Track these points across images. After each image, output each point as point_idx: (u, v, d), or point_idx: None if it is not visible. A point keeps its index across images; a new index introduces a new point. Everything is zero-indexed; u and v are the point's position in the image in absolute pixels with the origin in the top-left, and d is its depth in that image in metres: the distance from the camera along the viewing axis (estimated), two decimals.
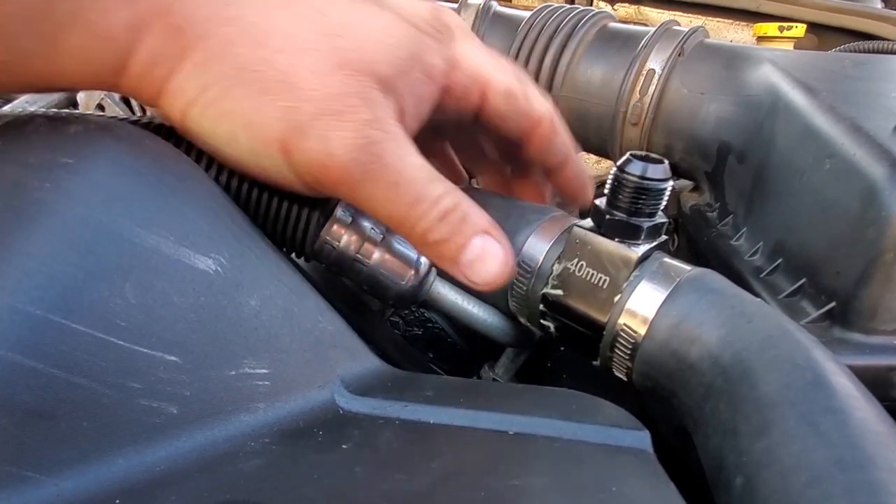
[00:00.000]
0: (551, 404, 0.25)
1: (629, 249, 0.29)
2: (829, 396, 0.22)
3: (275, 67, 0.25)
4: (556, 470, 0.21)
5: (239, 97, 0.25)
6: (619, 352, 0.29)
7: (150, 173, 0.23)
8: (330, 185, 0.26)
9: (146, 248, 0.21)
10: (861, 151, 0.34)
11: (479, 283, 0.28)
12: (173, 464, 0.20)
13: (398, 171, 0.26)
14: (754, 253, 0.43)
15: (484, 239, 0.28)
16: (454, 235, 0.27)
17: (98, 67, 0.24)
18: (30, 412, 0.18)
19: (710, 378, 0.26)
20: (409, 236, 0.28)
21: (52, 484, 0.18)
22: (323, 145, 0.25)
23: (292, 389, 0.23)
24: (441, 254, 0.28)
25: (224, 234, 0.24)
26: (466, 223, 0.28)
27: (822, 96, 0.41)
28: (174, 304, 0.21)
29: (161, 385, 0.21)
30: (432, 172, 0.27)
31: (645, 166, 0.29)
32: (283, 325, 0.24)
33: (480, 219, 0.28)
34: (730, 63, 0.53)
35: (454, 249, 0.28)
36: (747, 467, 0.21)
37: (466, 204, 0.28)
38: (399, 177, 0.26)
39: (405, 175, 0.26)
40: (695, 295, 0.28)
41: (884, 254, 0.31)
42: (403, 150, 0.27)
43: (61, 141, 0.23)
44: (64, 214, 0.21)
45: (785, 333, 0.25)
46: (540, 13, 0.65)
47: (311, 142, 0.25)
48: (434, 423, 0.23)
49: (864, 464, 0.19)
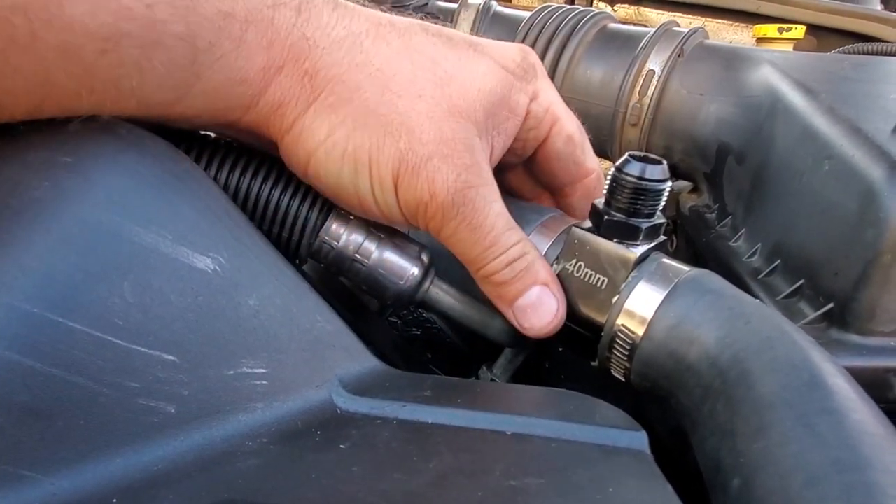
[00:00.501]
0: (549, 405, 0.25)
1: (627, 250, 0.29)
2: (826, 398, 0.22)
3: (397, 111, 0.27)
4: (553, 470, 0.21)
5: (363, 138, 0.27)
6: (618, 352, 0.29)
7: (150, 172, 0.23)
8: (423, 219, 0.29)
9: (145, 248, 0.21)
10: (860, 153, 0.34)
11: (528, 328, 0.31)
12: (171, 463, 0.20)
13: (484, 215, 0.29)
14: (753, 254, 0.43)
15: (542, 290, 0.30)
16: (516, 281, 0.30)
17: (226, 107, 0.26)
18: (27, 411, 0.18)
19: (709, 379, 0.26)
20: (475, 274, 0.31)
21: (48, 483, 0.18)
22: (428, 185, 0.28)
23: (290, 389, 0.23)
24: (500, 294, 0.31)
25: (223, 234, 0.24)
26: (529, 273, 0.30)
27: (821, 98, 0.41)
28: (172, 303, 0.21)
29: (159, 384, 0.20)
30: (510, 222, 0.30)
31: (643, 167, 0.29)
32: (281, 324, 0.24)
33: (543, 272, 0.31)
34: (729, 64, 0.53)
35: (513, 294, 0.30)
36: (745, 468, 0.21)
37: (533, 255, 0.31)
38: (483, 221, 0.29)
39: (488, 221, 0.29)
40: (693, 296, 0.28)
41: (882, 255, 0.31)
42: (491, 197, 0.29)
43: (61, 139, 0.23)
44: (63, 213, 0.20)
45: (783, 335, 0.25)
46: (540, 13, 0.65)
47: (420, 180, 0.28)
48: (432, 423, 0.23)
49: (861, 465, 0.19)
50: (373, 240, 0.31)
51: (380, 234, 0.32)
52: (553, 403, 0.25)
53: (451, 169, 0.28)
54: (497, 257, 0.30)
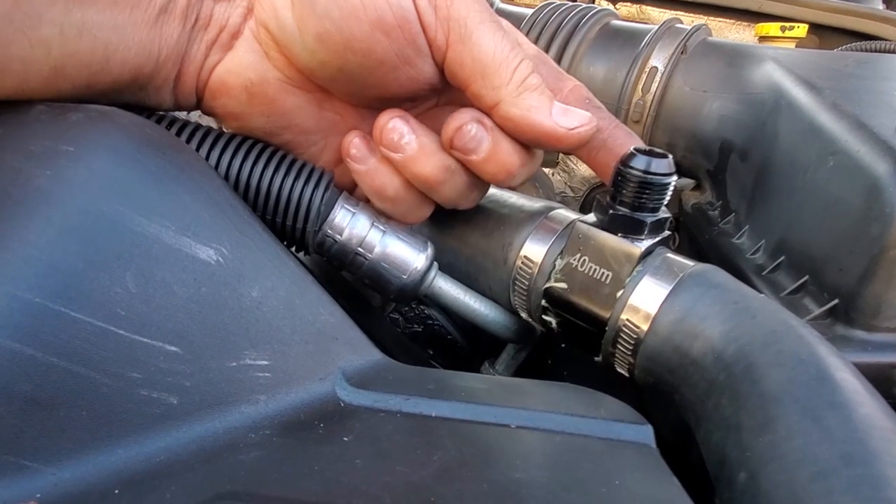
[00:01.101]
0: (553, 398, 0.24)
1: (632, 245, 0.29)
2: (833, 392, 0.22)
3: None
4: (558, 464, 0.21)
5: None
6: (622, 347, 0.29)
7: (152, 162, 0.23)
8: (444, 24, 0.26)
9: (147, 238, 0.21)
10: (865, 148, 0.34)
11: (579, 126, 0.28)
12: (173, 455, 0.20)
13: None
14: (756, 251, 0.43)
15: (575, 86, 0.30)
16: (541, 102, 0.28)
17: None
18: (28, 401, 0.18)
19: (714, 373, 0.25)
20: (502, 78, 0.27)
21: (50, 473, 0.18)
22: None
23: (293, 381, 0.23)
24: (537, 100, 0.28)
25: (226, 225, 0.24)
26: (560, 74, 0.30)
27: (825, 94, 0.40)
28: (175, 294, 0.21)
29: (161, 375, 0.20)
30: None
31: (649, 161, 0.29)
32: (284, 316, 0.24)
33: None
34: (732, 61, 0.53)
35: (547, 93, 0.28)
36: (751, 462, 0.21)
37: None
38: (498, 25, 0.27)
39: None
40: (698, 290, 0.28)
41: (887, 251, 0.31)
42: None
43: (63, 129, 0.22)
44: (65, 203, 0.20)
45: (789, 329, 0.25)
46: (542, 10, 0.65)
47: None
48: (436, 416, 0.23)
49: (869, 459, 0.19)
50: (376, 233, 0.31)
51: (383, 228, 0.32)
52: (558, 397, 0.25)
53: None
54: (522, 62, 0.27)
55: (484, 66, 0.27)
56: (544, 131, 0.28)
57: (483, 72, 0.27)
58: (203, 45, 0.27)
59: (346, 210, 0.31)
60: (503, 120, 0.28)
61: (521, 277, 0.33)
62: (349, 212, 0.31)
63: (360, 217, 0.31)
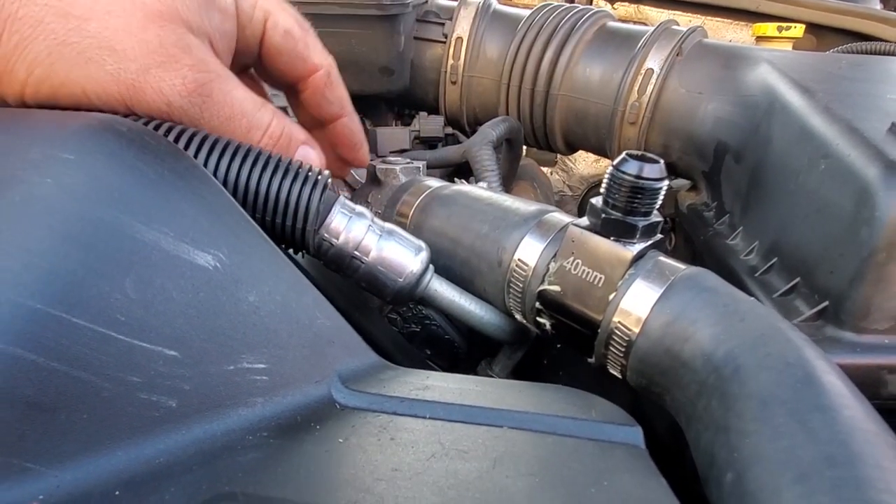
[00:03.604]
0: (545, 400, 0.25)
1: (624, 248, 0.30)
2: (818, 394, 0.22)
3: (89, 35, 0.26)
4: (549, 465, 0.22)
5: (66, 71, 0.26)
6: (614, 349, 0.29)
7: (151, 170, 0.23)
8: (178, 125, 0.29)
9: (146, 244, 0.22)
10: (855, 153, 0.34)
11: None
12: (172, 457, 0.20)
13: (230, 105, 0.30)
14: (750, 252, 0.44)
15: (304, 148, 0.33)
16: (282, 150, 0.32)
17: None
18: (31, 405, 0.18)
19: (703, 375, 0.26)
20: None
21: (52, 475, 0.18)
22: (159, 96, 0.27)
23: (290, 384, 0.24)
24: None
25: (223, 231, 0.24)
26: (291, 139, 0.33)
27: (818, 97, 0.41)
28: (174, 299, 0.22)
29: (160, 379, 0.21)
30: (257, 101, 0.31)
31: (641, 166, 0.29)
32: (281, 320, 0.24)
33: (300, 133, 0.33)
34: (728, 63, 0.53)
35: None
36: (738, 463, 0.21)
37: (288, 123, 0.33)
38: (231, 110, 0.30)
39: (236, 108, 0.30)
40: (689, 293, 0.28)
41: (876, 254, 0.32)
42: (230, 86, 0.30)
43: (63, 137, 0.23)
44: (65, 210, 0.21)
45: (777, 332, 0.25)
46: (539, 12, 0.65)
47: (149, 96, 0.27)
48: (429, 418, 0.23)
49: (852, 460, 0.20)
50: (372, 237, 0.32)
51: (379, 231, 0.32)
52: (549, 399, 0.25)
53: (175, 74, 0.27)
54: (261, 137, 0.31)
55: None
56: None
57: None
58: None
59: (343, 213, 0.31)
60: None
61: (516, 280, 0.33)
62: (346, 215, 0.31)
63: (357, 221, 0.31)
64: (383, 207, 0.45)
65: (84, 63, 0.26)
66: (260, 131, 0.31)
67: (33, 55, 0.26)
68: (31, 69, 0.26)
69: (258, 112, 0.31)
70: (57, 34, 0.26)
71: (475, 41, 0.66)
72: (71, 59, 0.26)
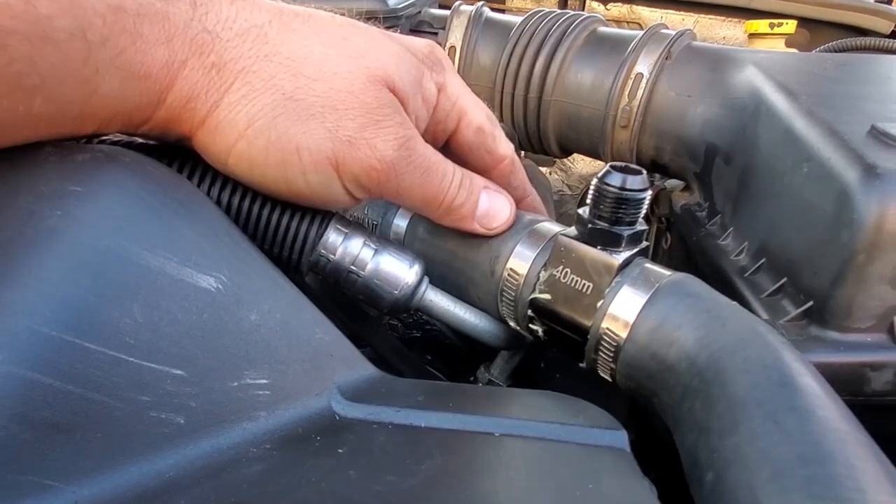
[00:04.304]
0: (535, 407, 0.26)
1: (611, 257, 0.31)
2: (793, 396, 0.23)
3: (315, 94, 0.28)
4: (538, 469, 0.23)
5: (286, 125, 0.28)
6: (603, 354, 0.31)
7: (154, 198, 0.25)
8: (377, 185, 0.30)
9: (152, 270, 0.23)
10: (836, 156, 0.35)
11: (496, 228, 0.35)
12: (181, 470, 0.21)
13: (427, 157, 0.32)
14: (740, 252, 0.45)
15: (488, 192, 0.35)
16: (471, 196, 0.34)
17: (133, 106, 0.26)
18: (49, 426, 0.20)
19: (688, 378, 0.27)
20: (437, 210, 0.34)
21: (70, 491, 0.19)
22: (372, 151, 0.29)
23: (291, 398, 0.25)
24: (463, 216, 0.34)
25: (224, 254, 0.25)
26: (474, 184, 0.34)
27: (801, 100, 0.42)
28: (179, 321, 0.23)
29: (168, 398, 0.22)
30: (438, 153, 0.33)
31: (624, 178, 0.30)
32: (281, 337, 0.26)
33: (479, 179, 0.35)
34: (715, 66, 0.54)
35: (471, 207, 0.34)
36: (717, 463, 0.23)
37: (466, 171, 0.34)
38: (428, 162, 0.32)
39: (432, 160, 0.32)
40: (673, 299, 0.29)
41: (857, 255, 0.33)
42: (422, 142, 0.32)
43: (70, 170, 0.24)
44: (75, 240, 0.22)
45: (756, 336, 0.26)
46: (530, 19, 0.66)
47: (361, 151, 0.29)
48: (424, 427, 0.25)
49: (824, 459, 0.21)
50: (368, 251, 0.33)
51: (374, 246, 0.33)
52: (540, 405, 0.27)
53: (388, 132, 0.29)
54: (451, 187, 0.33)
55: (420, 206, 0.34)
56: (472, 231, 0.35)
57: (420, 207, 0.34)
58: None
59: (339, 230, 0.33)
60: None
61: (508, 289, 0.34)
62: (341, 232, 0.33)
63: (352, 237, 0.33)
64: (379, 218, 0.46)
65: (306, 119, 0.28)
66: (449, 179, 0.33)
67: (259, 106, 0.27)
68: (253, 120, 0.27)
69: (444, 163, 0.33)
70: (285, 90, 0.27)
71: (468, 49, 0.68)
72: (294, 113, 0.28)
